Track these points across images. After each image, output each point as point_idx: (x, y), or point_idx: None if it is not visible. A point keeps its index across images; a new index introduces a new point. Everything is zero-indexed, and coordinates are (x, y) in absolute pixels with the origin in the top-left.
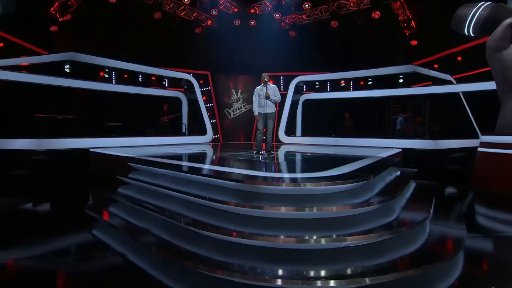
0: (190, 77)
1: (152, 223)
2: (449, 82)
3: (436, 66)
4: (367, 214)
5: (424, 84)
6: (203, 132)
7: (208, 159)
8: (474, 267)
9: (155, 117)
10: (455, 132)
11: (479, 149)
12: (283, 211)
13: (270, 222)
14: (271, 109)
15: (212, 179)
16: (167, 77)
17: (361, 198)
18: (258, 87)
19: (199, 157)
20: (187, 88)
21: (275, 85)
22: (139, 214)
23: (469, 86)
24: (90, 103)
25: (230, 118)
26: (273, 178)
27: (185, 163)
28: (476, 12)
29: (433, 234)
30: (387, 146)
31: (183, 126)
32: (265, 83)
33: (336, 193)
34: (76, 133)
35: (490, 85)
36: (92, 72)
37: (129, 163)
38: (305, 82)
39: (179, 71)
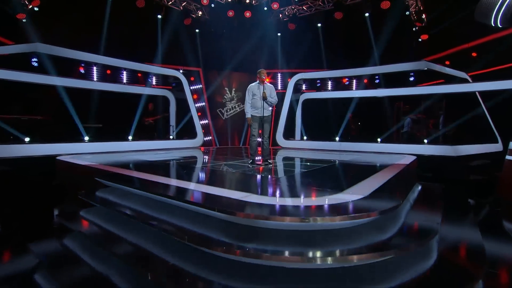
0: (178, 74)
1: (114, 270)
2: (464, 81)
3: (447, 62)
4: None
5: (436, 82)
6: (192, 135)
7: (193, 173)
8: None
9: (139, 119)
10: (472, 136)
11: (508, 157)
12: (287, 258)
13: (269, 271)
14: (267, 111)
15: (194, 206)
16: (153, 74)
17: (388, 232)
18: (253, 84)
19: (183, 169)
20: (176, 86)
21: (271, 85)
22: (99, 257)
23: (487, 85)
24: (63, 102)
25: (224, 118)
26: (272, 206)
27: (163, 179)
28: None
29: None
30: (398, 152)
31: (171, 128)
32: (262, 81)
33: (357, 227)
34: (44, 137)
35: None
36: (68, 67)
37: (96, 178)
38: (305, 80)
39: (167, 67)
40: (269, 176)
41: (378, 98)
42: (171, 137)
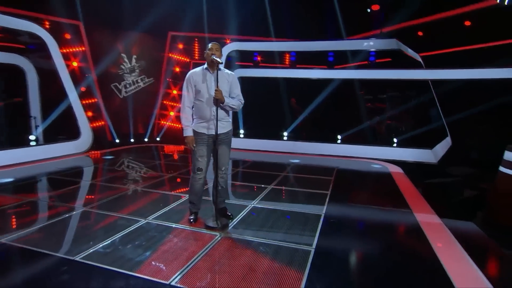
0: (39, 29)
1: None
2: (418, 64)
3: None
4: None
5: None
6: (73, 133)
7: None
8: None
9: None
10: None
11: (502, 169)
12: None
13: None
14: (224, 125)
15: None
16: None
17: None
18: (196, 70)
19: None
20: (35, 49)
21: (232, 72)
22: None
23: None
24: None
25: (122, 97)
26: None
27: None
28: None
29: None
30: (369, 158)
31: (32, 122)
32: (214, 65)
33: None
34: None
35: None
36: None
37: None
38: (242, 53)
39: (17, 13)
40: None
41: (336, 81)
42: (31, 138)
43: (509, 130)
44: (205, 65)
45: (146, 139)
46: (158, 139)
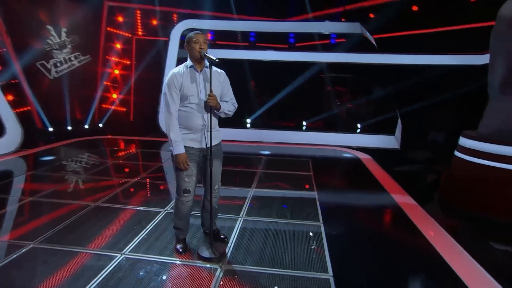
0: None
1: None
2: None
3: (343, 19)
4: None
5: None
6: None
7: None
8: None
9: None
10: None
11: (458, 154)
12: None
13: None
14: (216, 134)
15: None
16: None
17: None
18: (177, 71)
19: None
20: None
21: (221, 70)
22: None
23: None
24: None
25: (51, 78)
26: None
27: None
28: None
29: None
30: (336, 145)
31: None
32: (202, 61)
33: None
34: None
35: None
36: None
37: None
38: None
39: None
40: None
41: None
42: None
43: (468, 116)
44: (189, 62)
45: (86, 126)
46: (100, 125)
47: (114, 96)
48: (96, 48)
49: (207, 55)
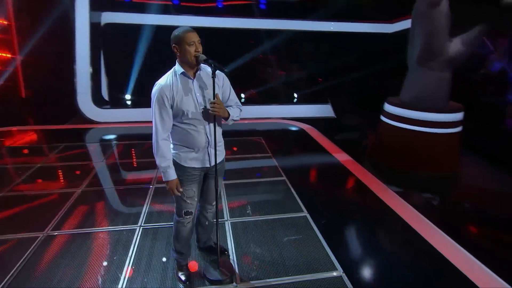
0: None
1: None
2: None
3: None
4: None
5: None
6: None
7: None
8: None
9: None
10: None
11: (384, 119)
12: None
13: None
14: (221, 149)
15: None
16: None
17: None
18: (166, 83)
19: None
20: None
21: (220, 71)
22: None
23: None
24: None
25: None
26: None
27: None
28: None
29: None
30: (276, 117)
31: None
32: (196, 66)
33: None
34: None
35: None
36: None
37: None
38: None
39: None
40: None
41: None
42: None
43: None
44: (178, 68)
45: None
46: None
47: None
48: None
49: (211, 61)
